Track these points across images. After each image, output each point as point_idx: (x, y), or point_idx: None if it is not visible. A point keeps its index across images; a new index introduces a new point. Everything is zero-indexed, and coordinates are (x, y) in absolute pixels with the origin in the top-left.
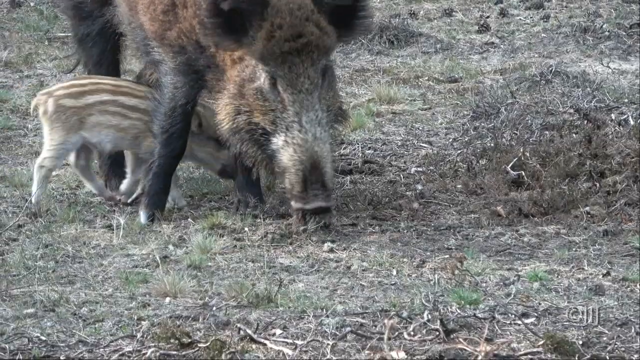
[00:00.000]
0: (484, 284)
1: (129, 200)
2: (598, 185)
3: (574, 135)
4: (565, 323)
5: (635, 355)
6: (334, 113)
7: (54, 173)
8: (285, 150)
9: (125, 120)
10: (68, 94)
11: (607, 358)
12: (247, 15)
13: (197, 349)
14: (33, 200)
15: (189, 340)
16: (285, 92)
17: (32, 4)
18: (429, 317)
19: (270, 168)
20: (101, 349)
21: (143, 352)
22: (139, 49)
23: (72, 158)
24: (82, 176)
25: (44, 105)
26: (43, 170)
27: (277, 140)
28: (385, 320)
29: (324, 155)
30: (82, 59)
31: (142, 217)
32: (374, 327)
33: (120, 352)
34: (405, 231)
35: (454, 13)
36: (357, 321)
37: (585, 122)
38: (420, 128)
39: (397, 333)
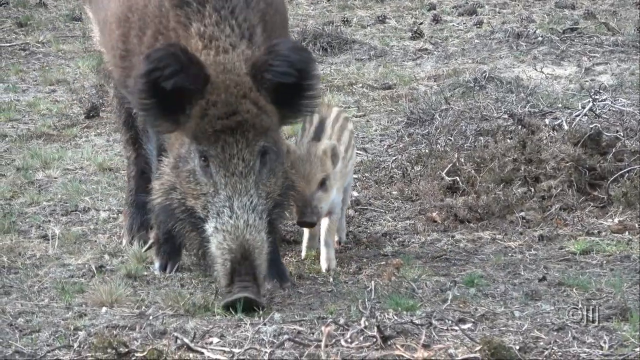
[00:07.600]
0: (421, 290)
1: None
2: (533, 190)
3: (508, 140)
4: (502, 328)
5: None
6: (276, 203)
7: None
8: (215, 237)
9: None
10: None
11: None
12: (188, 94)
13: (134, 358)
14: None
15: (126, 350)
16: (218, 174)
17: None
18: (366, 323)
19: (202, 254)
20: None
21: None
22: None
23: None
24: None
25: None
26: None
27: (209, 227)
28: (323, 328)
29: (257, 245)
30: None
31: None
32: (311, 335)
33: None
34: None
35: (387, 20)
36: (294, 329)
37: (520, 127)
38: (355, 135)
39: (334, 340)
